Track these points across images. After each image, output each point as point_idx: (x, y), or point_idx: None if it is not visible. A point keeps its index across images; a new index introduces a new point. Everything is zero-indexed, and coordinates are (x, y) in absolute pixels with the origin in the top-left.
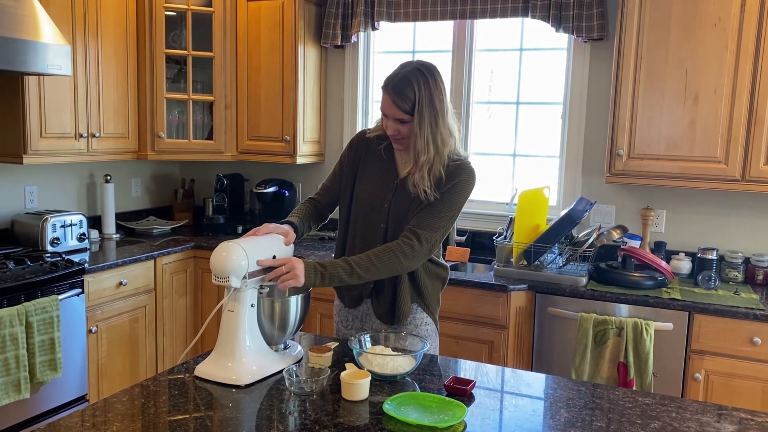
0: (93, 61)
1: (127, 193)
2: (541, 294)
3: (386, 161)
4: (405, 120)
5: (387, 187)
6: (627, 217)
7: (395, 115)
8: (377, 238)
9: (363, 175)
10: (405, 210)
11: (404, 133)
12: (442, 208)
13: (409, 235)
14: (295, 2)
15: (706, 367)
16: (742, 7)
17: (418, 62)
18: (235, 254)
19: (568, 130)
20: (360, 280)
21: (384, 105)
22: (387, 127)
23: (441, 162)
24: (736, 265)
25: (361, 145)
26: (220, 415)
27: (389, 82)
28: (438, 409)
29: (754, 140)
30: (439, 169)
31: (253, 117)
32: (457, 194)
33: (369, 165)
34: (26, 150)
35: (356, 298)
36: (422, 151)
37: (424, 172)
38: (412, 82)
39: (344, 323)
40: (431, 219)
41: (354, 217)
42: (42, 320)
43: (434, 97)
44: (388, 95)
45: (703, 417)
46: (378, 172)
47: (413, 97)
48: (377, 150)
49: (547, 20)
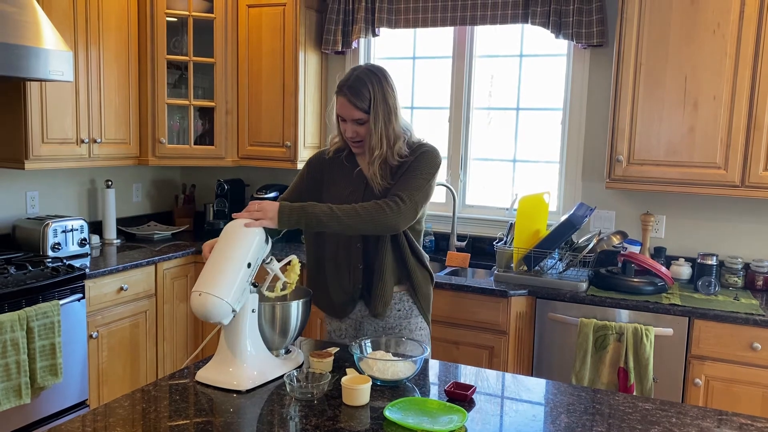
0: (95, 66)
1: (128, 199)
2: (541, 299)
3: (350, 167)
4: (362, 120)
5: (357, 189)
6: (627, 223)
7: (353, 116)
8: (357, 239)
9: (330, 185)
10: None
11: (362, 134)
12: (417, 173)
13: (392, 197)
14: (296, 8)
15: (706, 373)
16: (740, 13)
17: (367, 64)
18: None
19: (568, 136)
20: (339, 225)
21: (341, 108)
22: (345, 131)
23: (393, 155)
24: (735, 271)
25: (318, 162)
26: (221, 421)
27: (344, 84)
28: (439, 414)
29: (754, 146)
30: (395, 160)
31: (254, 122)
32: (426, 160)
33: (334, 175)
34: (28, 155)
35: (346, 303)
36: (376, 146)
37: (376, 166)
38: (365, 82)
39: (337, 333)
40: (409, 182)
41: None
42: (43, 325)
43: (387, 95)
44: (345, 97)
45: (704, 422)
46: (345, 177)
47: (368, 96)
48: (338, 160)
49: (547, 27)
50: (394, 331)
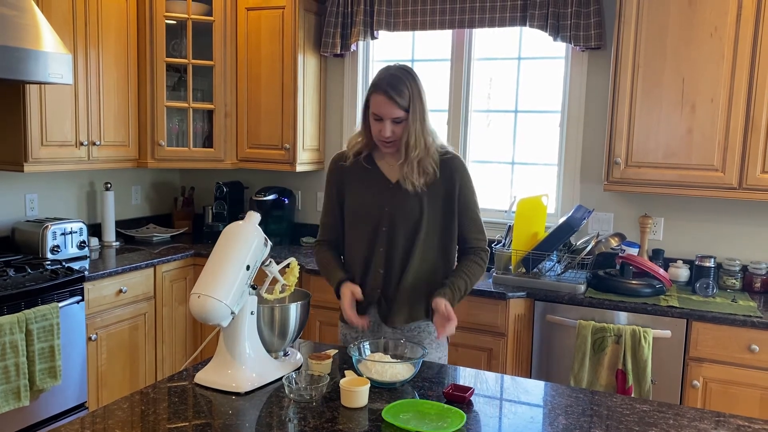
0: (94, 69)
1: (127, 201)
2: (539, 301)
3: (371, 170)
4: (401, 119)
5: (381, 192)
6: (625, 225)
7: (393, 114)
8: (382, 242)
9: (352, 188)
10: (405, 212)
11: (398, 133)
12: (475, 212)
13: (478, 250)
14: (295, 11)
15: (704, 375)
16: (738, 16)
17: (398, 64)
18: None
19: (567, 138)
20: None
21: (380, 107)
22: (382, 131)
23: (430, 155)
24: (733, 273)
25: (337, 172)
26: (220, 422)
27: (381, 82)
28: (437, 417)
29: (751, 148)
30: (429, 162)
31: (253, 125)
32: (471, 190)
33: (354, 178)
34: (27, 158)
35: (362, 309)
36: (413, 147)
37: (414, 165)
38: (403, 80)
39: (352, 334)
40: (478, 227)
41: (352, 224)
42: (42, 328)
43: (421, 93)
44: (385, 95)
45: (701, 424)
46: (367, 180)
47: (407, 93)
48: (358, 162)
49: (545, 29)
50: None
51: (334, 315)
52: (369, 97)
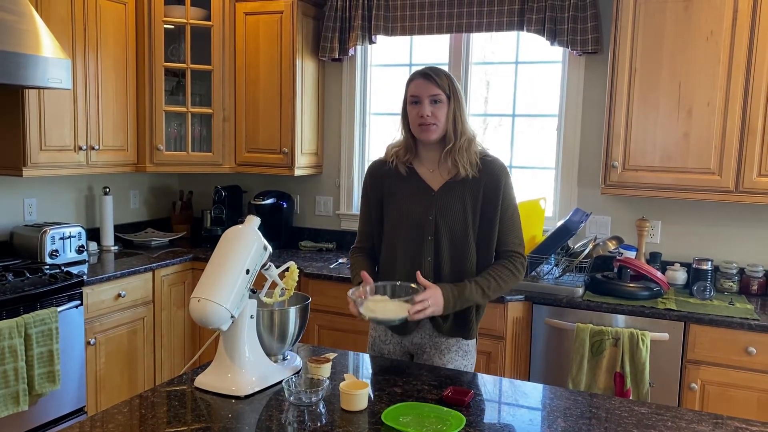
0: (93, 74)
1: (125, 206)
2: (537, 305)
3: (411, 176)
4: (440, 99)
5: (424, 200)
6: (622, 228)
7: (431, 91)
8: (428, 251)
9: (392, 194)
10: (451, 219)
11: (438, 117)
12: (514, 217)
13: (513, 254)
14: (293, 16)
15: (702, 377)
16: (733, 20)
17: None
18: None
19: (564, 142)
20: (486, 300)
21: (418, 87)
22: (420, 111)
23: (472, 148)
24: (730, 276)
25: (377, 172)
26: (219, 426)
27: (421, 69)
28: (436, 420)
29: (747, 152)
30: (474, 156)
31: (252, 129)
32: (513, 198)
33: (394, 183)
34: (26, 162)
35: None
36: (461, 133)
37: (463, 148)
38: (440, 69)
39: (382, 338)
40: (515, 232)
41: (395, 233)
42: (41, 332)
43: (459, 91)
44: (423, 77)
45: (699, 426)
46: (408, 186)
47: (446, 78)
48: (396, 169)
49: (542, 34)
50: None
51: (334, 318)
52: (407, 87)
